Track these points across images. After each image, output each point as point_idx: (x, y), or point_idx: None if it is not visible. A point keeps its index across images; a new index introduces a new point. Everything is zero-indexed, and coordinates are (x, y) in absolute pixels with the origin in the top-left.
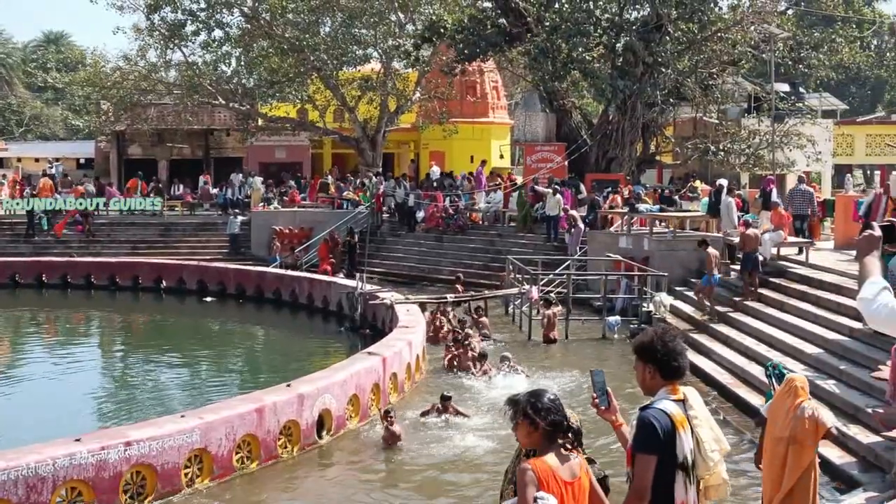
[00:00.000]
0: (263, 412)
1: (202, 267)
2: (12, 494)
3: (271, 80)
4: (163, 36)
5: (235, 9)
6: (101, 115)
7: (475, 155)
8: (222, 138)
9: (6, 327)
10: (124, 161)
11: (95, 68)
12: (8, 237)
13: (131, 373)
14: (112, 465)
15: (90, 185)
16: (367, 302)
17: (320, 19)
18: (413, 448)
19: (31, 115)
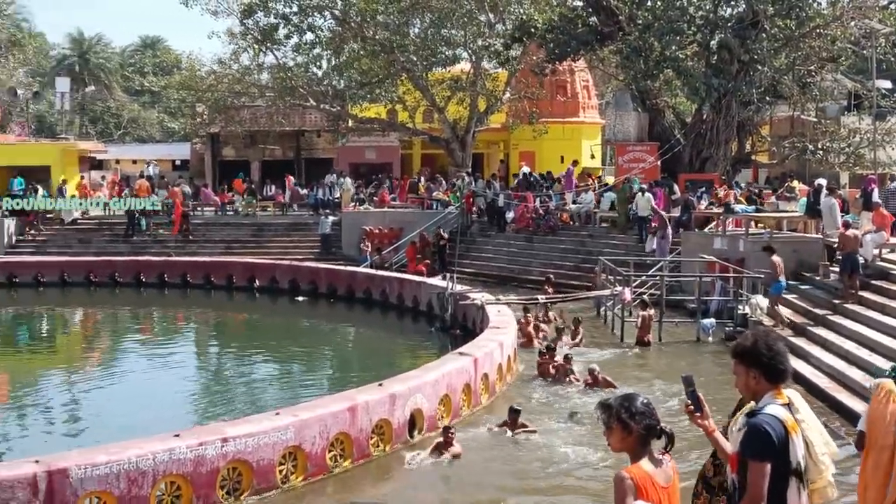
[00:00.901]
0: (356, 411)
1: (294, 266)
2: (114, 487)
3: (362, 81)
4: (256, 39)
5: (327, 12)
6: (196, 117)
7: (565, 155)
8: (313, 139)
9: (107, 325)
10: (218, 163)
11: (191, 72)
12: (108, 237)
13: (225, 370)
14: (209, 460)
15: (186, 186)
16: (458, 302)
17: (410, 20)
18: (474, 462)
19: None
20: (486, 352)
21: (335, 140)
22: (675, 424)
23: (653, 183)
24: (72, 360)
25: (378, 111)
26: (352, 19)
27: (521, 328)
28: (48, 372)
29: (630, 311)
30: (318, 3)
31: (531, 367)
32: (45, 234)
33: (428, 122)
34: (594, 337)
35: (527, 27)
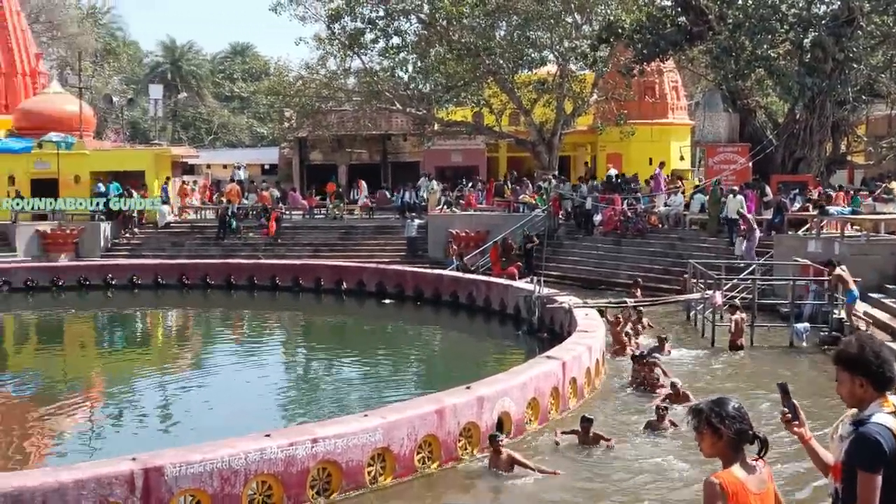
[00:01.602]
0: (444, 413)
1: (381, 269)
2: (208, 486)
3: (448, 84)
4: (343, 45)
5: (413, 16)
6: (284, 122)
7: (654, 157)
8: (399, 143)
9: (198, 327)
10: (306, 166)
11: (279, 77)
12: (199, 240)
13: (313, 371)
14: (300, 460)
15: (274, 189)
16: (545, 306)
17: (496, 23)
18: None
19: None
20: (574, 355)
21: (421, 143)
22: (770, 432)
23: (744, 185)
24: (165, 361)
25: (464, 114)
26: (438, 23)
27: (614, 336)
28: (142, 372)
29: (721, 315)
30: (405, 7)
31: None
32: (139, 238)
33: (514, 124)
34: (684, 341)
35: (614, 28)
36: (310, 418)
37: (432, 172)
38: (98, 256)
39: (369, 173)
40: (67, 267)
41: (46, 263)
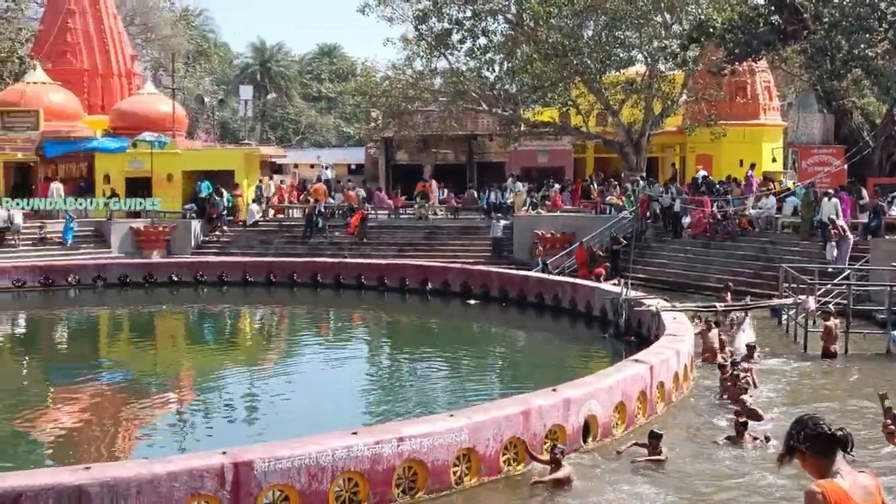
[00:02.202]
0: (530, 415)
1: (466, 270)
2: (296, 481)
3: (534, 85)
4: (429, 45)
5: (500, 16)
6: (371, 122)
7: (745, 158)
8: (485, 143)
9: (285, 324)
10: (391, 166)
11: (366, 78)
12: (286, 238)
13: (397, 370)
14: (386, 458)
15: (361, 189)
16: (632, 308)
17: (584, 23)
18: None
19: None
20: (662, 359)
21: (507, 144)
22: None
23: (839, 188)
24: (252, 357)
25: (551, 115)
26: (525, 23)
27: (704, 343)
28: (230, 367)
29: (814, 321)
30: (492, 7)
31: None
32: (228, 236)
33: (601, 125)
34: (776, 348)
35: (705, 27)
36: (394, 417)
37: (518, 173)
38: (189, 254)
39: (455, 173)
40: (159, 264)
41: (140, 260)
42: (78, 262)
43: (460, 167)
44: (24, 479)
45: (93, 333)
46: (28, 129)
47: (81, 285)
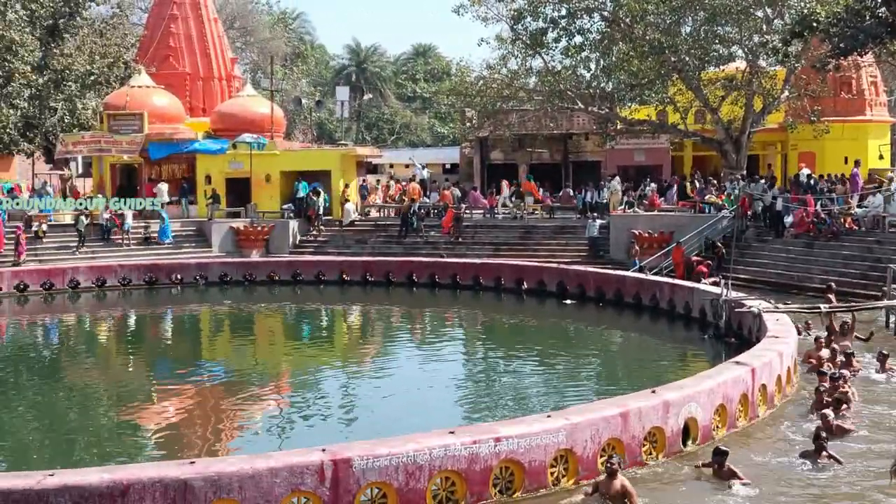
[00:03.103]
0: (628, 417)
1: (562, 269)
2: (394, 479)
3: (631, 83)
4: (525, 44)
5: (596, 14)
6: (465, 122)
7: (849, 155)
8: (581, 142)
9: (381, 323)
10: (487, 166)
11: (460, 78)
12: (382, 238)
13: (492, 369)
14: (483, 458)
15: (456, 188)
16: (733, 309)
17: (682, 19)
18: None
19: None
20: (764, 362)
21: (603, 143)
22: None
23: None
24: (348, 355)
25: (648, 112)
26: (621, 20)
27: (808, 355)
28: (327, 365)
29: None
30: (588, 5)
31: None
32: (325, 235)
33: (700, 122)
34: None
35: (808, 21)
36: (490, 416)
37: (614, 172)
38: (287, 253)
39: (550, 173)
40: (258, 263)
41: (239, 259)
42: (180, 262)
43: (555, 166)
44: (132, 473)
45: (194, 331)
46: (133, 131)
47: (184, 283)
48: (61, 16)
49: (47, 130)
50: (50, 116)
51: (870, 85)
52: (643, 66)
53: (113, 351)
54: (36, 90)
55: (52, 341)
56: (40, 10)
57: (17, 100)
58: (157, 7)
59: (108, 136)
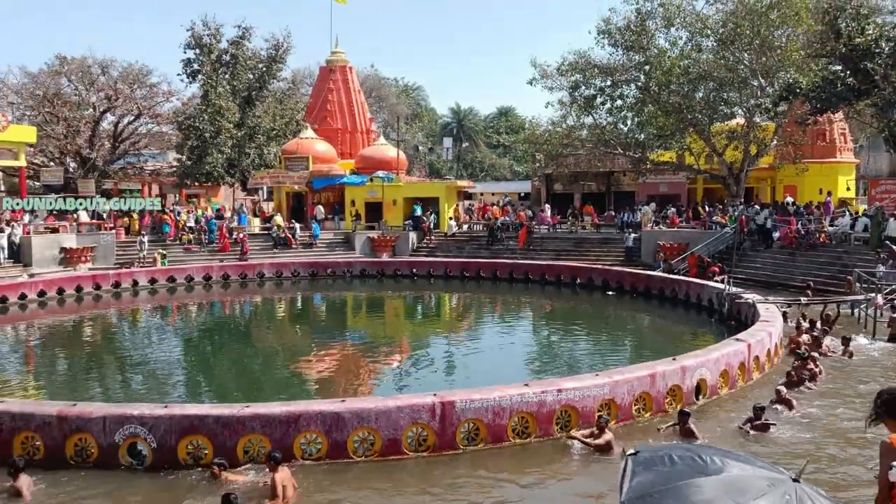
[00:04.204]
0: (655, 377)
1: (605, 269)
2: (484, 417)
3: (657, 134)
4: (579, 106)
5: (632, 84)
6: (535, 163)
7: (823, 188)
8: (620, 177)
9: (472, 305)
10: (550, 195)
11: (532, 131)
12: (475, 245)
13: (553, 340)
14: (549, 404)
15: (528, 210)
16: (733, 301)
17: (696, 88)
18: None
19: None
20: (757, 339)
21: (637, 178)
22: None
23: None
24: (449, 327)
25: (670, 156)
26: (651, 89)
27: (791, 339)
28: (433, 334)
29: (881, 313)
30: (626, 78)
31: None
32: (434, 243)
33: (709, 163)
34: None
35: (793, 88)
36: (551, 374)
37: (644, 199)
38: (407, 255)
39: (597, 199)
40: (387, 262)
41: (374, 259)
42: (334, 260)
43: (601, 195)
44: (301, 406)
45: (342, 308)
46: (302, 169)
47: (335, 276)
48: (254, 89)
49: (243, 168)
50: (245, 159)
51: (840, 135)
52: (667, 122)
53: (286, 321)
54: (236, 141)
55: (244, 314)
56: (239, 85)
57: (224, 147)
58: (319, 82)
59: (284, 173)
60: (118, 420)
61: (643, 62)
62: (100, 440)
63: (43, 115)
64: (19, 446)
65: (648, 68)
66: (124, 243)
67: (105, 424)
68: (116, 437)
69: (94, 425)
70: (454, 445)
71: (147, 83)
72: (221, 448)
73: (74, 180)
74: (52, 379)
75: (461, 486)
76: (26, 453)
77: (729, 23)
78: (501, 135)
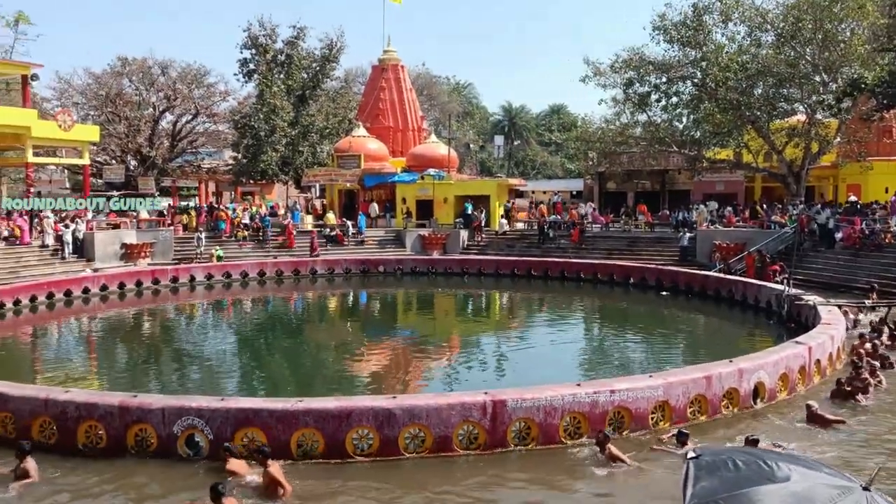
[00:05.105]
0: (711, 379)
1: (659, 269)
2: (536, 416)
3: (714, 132)
4: (633, 104)
5: (688, 81)
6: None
7: (889, 186)
8: (675, 176)
9: (523, 304)
10: (603, 193)
11: (584, 128)
12: (525, 243)
13: (605, 339)
14: (601, 404)
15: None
16: (793, 302)
17: (755, 84)
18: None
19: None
20: (818, 342)
21: (692, 176)
22: None
23: None
24: (499, 325)
25: (727, 153)
26: (708, 85)
27: (853, 348)
28: (484, 331)
29: None
30: (682, 74)
31: None
32: (485, 241)
33: (768, 161)
34: None
35: (857, 84)
36: (602, 374)
37: (700, 198)
38: (457, 253)
39: (651, 198)
40: (438, 259)
41: (424, 256)
42: (385, 257)
43: (655, 193)
44: (354, 402)
45: (393, 305)
46: (354, 167)
47: (386, 273)
48: (308, 88)
49: (297, 166)
50: (299, 157)
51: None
52: (724, 119)
53: (337, 317)
54: (290, 139)
55: (297, 309)
56: (294, 84)
57: (278, 146)
58: (371, 81)
59: (336, 171)
60: (177, 412)
61: (699, 58)
62: (159, 431)
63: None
64: (83, 435)
65: (705, 64)
66: (181, 239)
67: (164, 416)
68: (175, 429)
69: (154, 416)
70: (505, 444)
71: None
72: (275, 441)
73: (135, 178)
74: (112, 370)
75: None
76: (90, 442)
77: (790, 17)
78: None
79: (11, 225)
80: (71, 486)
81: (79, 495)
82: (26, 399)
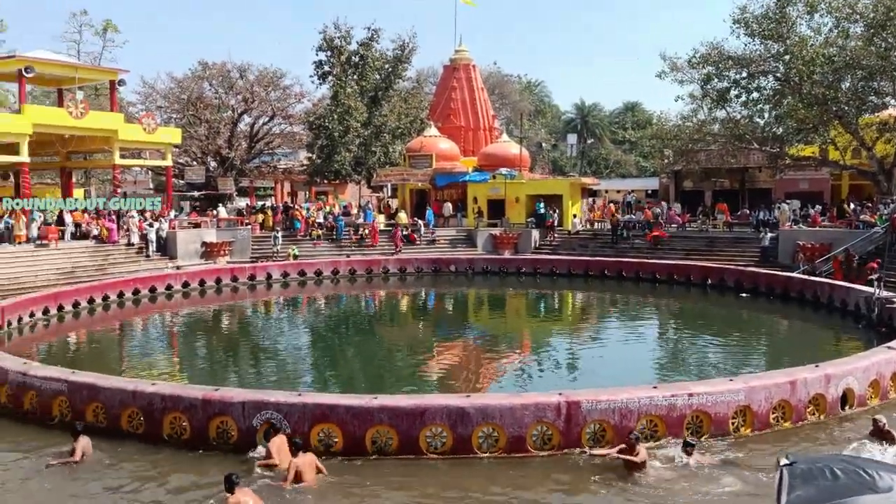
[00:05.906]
0: (796, 384)
1: (739, 270)
2: (611, 418)
3: (798, 128)
4: (712, 100)
5: (770, 75)
6: (663, 159)
7: None
8: (755, 174)
9: (596, 305)
10: (679, 192)
11: (660, 126)
12: (599, 243)
13: (681, 341)
14: (679, 407)
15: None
16: (885, 305)
17: (843, 77)
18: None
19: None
20: None
21: (774, 174)
22: None
23: None
24: (572, 325)
25: (812, 150)
26: (791, 79)
27: None
28: (557, 332)
29: None
30: (764, 68)
31: None
32: (557, 240)
33: (856, 158)
34: None
35: None
36: (678, 377)
37: (782, 197)
38: (529, 253)
39: (729, 197)
40: (509, 259)
41: (496, 256)
42: (456, 257)
43: (734, 192)
44: (428, 400)
45: (464, 304)
46: (425, 166)
47: (458, 272)
48: (380, 89)
49: (370, 166)
50: (371, 157)
51: None
52: (808, 115)
53: (409, 315)
54: (363, 140)
55: (369, 307)
56: (367, 85)
57: (351, 146)
58: (443, 81)
59: (408, 170)
60: (256, 405)
61: (783, 52)
62: (239, 424)
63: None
64: (168, 426)
65: (788, 58)
66: (259, 238)
67: (244, 409)
68: (255, 422)
69: (235, 410)
70: (579, 445)
71: (281, 85)
72: (350, 437)
73: (215, 178)
74: (193, 364)
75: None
76: (174, 432)
77: (881, 6)
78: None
79: (101, 224)
80: (134, 472)
81: (134, 478)
82: (116, 390)
